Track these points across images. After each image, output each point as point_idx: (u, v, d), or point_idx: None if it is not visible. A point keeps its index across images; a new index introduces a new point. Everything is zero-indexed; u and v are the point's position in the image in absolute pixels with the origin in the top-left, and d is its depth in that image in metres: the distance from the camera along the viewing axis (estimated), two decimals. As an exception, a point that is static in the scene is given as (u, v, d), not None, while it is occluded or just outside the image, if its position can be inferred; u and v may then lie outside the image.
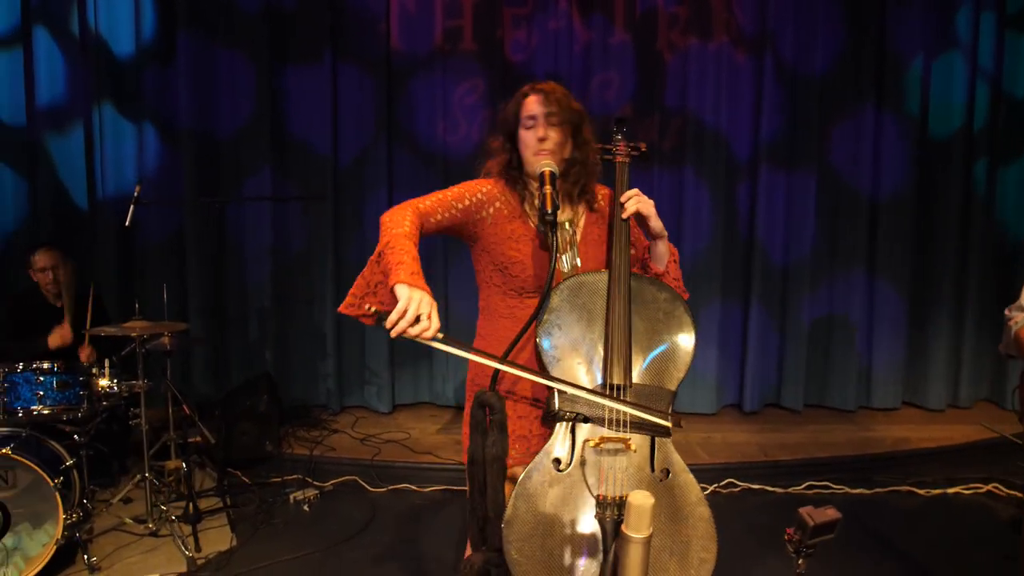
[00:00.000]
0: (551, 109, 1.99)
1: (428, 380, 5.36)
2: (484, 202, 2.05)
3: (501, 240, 2.05)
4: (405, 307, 1.63)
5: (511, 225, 2.05)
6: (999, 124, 5.16)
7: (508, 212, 2.06)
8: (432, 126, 5.07)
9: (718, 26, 4.98)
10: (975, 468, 4.39)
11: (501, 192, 2.09)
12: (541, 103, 1.99)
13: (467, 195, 2.03)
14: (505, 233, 2.05)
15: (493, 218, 2.05)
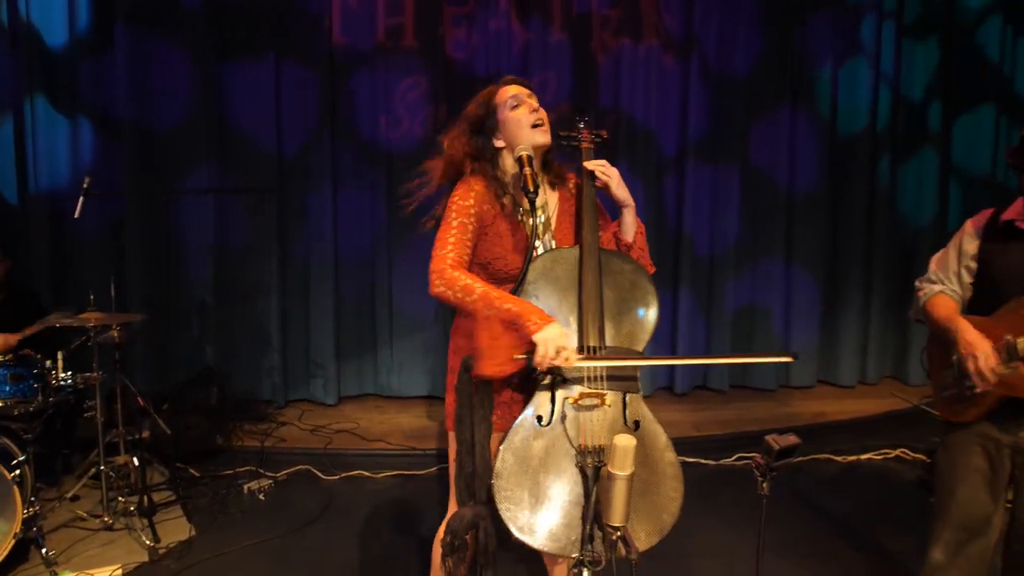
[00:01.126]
0: (530, 92, 2.15)
1: (373, 372, 5.44)
2: (476, 213, 2.10)
3: (489, 241, 2.15)
4: (544, 350, 1.83)
5: (495, 225, 2.15)
6: (899, 124, 5.65)
7: (490, 211, 2.15)
8: (375, 122, 5.17)
9: (648, 29, 5.27)
10: (884, 436, 4.82)
11: (478, 192, 2.14)
12: (520, 88, 2.15)
13: (469, 220, 2.09)
14: (491, 233, 2.15)
15: (482, 223, 2.13)
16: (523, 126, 2.14)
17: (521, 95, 2.14)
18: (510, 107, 2.14)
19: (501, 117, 2.16)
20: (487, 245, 2.17)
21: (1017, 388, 2.30)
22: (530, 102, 2.14)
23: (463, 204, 2.15)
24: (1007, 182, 5.80)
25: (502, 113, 2.16)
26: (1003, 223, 2.40)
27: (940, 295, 2.54)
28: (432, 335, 5.35)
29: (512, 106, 2.14)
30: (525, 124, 2.14)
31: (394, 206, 5.26)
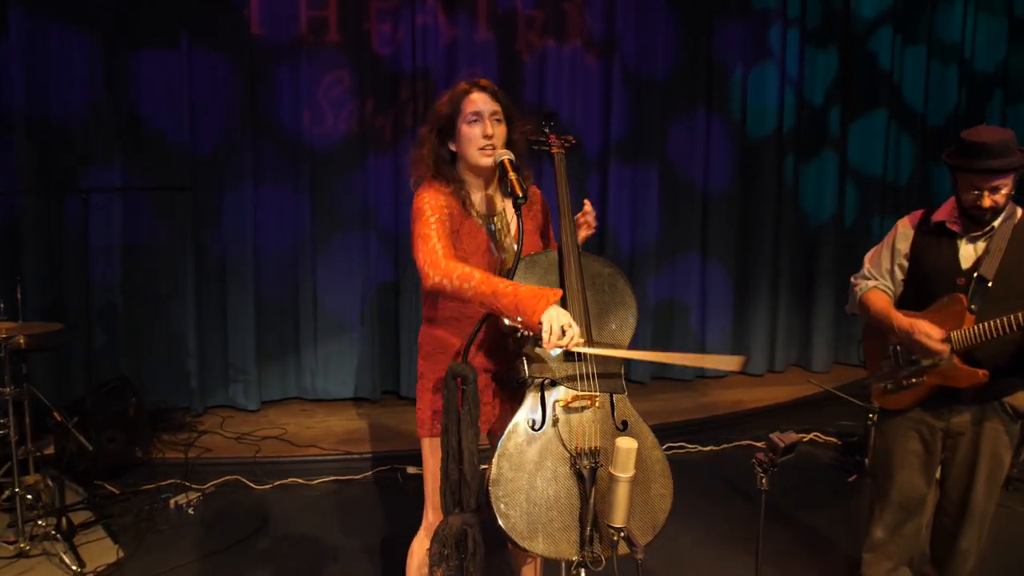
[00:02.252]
0: (495, 108, 2.13)
1: (296, 375, 5.27)
2: (447, 213, 2.11)
3: (455, 240, 2.15)
4: (550, 326, 1.82)
5: (461, 224, 2.15)
6: (802, 127, 5.99)
7: (455, 211, 2.15)
8: (297, 117, 4.99)
9: (572, 30, 5.35)
10: (796, 422, 5.11)
11: (442, 193, 2.15)
12: (486, 101, 2.12)
13: (444, 217, 2.09)
14: (458, 233, 2.15)
15: (450, 222, 2.13)
16: (472, 145, 2.14)
17: (483, 112, 2.12)
18: (468, 120, 2.13)
19: (459, 126, 2.14)
20: (459, 243, 2.16)
21: (951, 377, 2.50)
22: (488, 122, 2.12)
23: (436, 203, 2.14)
24: (896, 181, 6.28)
25: (460, 123, 2.14)
26: (934, 224, 2.60)
27: (875, 290, 2.73)
28: (359, 335, 5.24)
29: (470, 120, 2.13)
30: (474, 145, 2.13)
31: (318, 203, 5.11)
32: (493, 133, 2.11)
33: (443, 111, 2.16)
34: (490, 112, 2.12)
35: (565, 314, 1.85)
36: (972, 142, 2.40)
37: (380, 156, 5.16)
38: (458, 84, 2.19)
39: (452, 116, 2.14)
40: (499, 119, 2.14)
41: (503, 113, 2.14)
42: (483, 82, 2.16)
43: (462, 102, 2.13)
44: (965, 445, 2.58)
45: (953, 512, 2.65)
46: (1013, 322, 2.32)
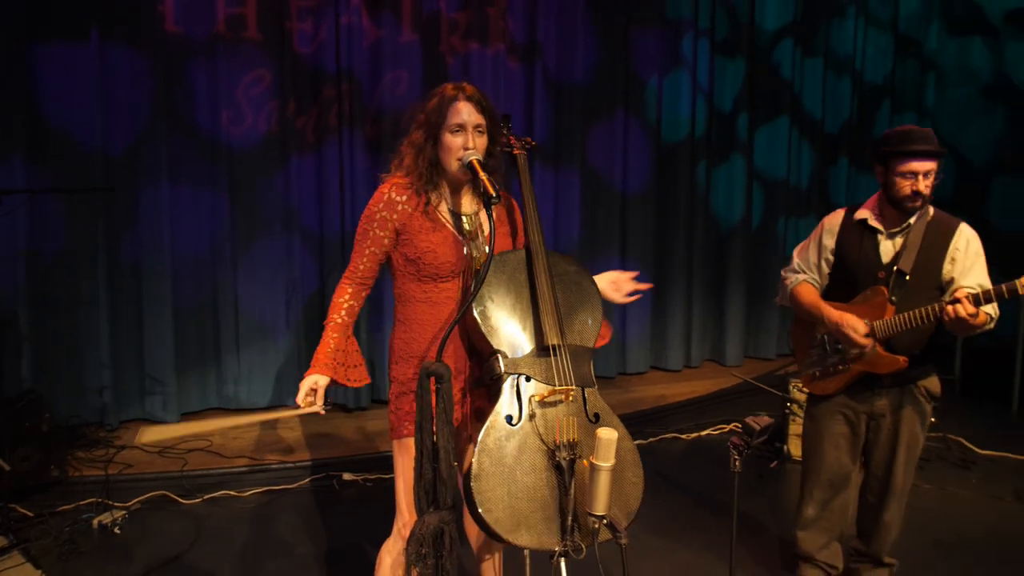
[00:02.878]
0: (480, 121, 2.16)
1: (216, 384, 5.08)
2: (390, 217, 2.20)
3: (412, 235, 2.18)
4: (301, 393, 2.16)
5: (418, 220, 2.19)
6: (713, 132, 6.28)
7: (412, 207, 2.19)
8: (215, 116, 4.81)
9: (495, 34, 5.41)
10: (716, 413, 5.36)
11: (402, 190, 2.21)
12: (472, 112, 2.15)
13: (378, 226, 2.21)
14: (415, 228, 2.18)
15: (401, 219, 2.18)
16: (451, 155, 2.19)
17: (467, 124, 2.16)
18: (451, 130, 2.16)
19: (443, 133, 2.17)
20: (412, 240, 2.21)
21: (874, 364, 2.71)
22: (471, 134, 2.16)
23: (371, 211, 2.25)
24: (798, 184, 6.68)
25: (443, 130, 2.17)
26: (856, 221, 2.81)
27: (804, 284, 2.92)
28: (284, 340, 5.10)
29: (453, 130, 2.16)
30: (453, 155, 2.18)
31: (238, 205, 4.95)
32: (474, 146, 2.14)
33: (430, 116, 2.17)
34: (474, 124, 2.15)
35: (309, 385, 2.14)
36: (902, 131, 2.62)
37: (303, 156, 5.05)
38: (444, 87, 2.20)
39: (438, 123, 2.15)
40: (482, 131, 2.17)
41: (486, 125, 2.18)
42: (469, 90, 2.18)
43: (448, 110, 2.14)
44: (887, 426, 2.80)
45: (877, 488, 2.87)
46: (930, 312, 2.54)
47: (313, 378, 2.14)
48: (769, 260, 6.60)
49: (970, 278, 2.62)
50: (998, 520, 3.78)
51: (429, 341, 2.21)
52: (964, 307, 2.40)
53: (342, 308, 2.23)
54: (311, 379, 2.14)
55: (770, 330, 6.65)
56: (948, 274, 2.65)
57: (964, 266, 2.63)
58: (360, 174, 5.03)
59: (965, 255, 2.63)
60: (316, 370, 2.16)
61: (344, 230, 5.05)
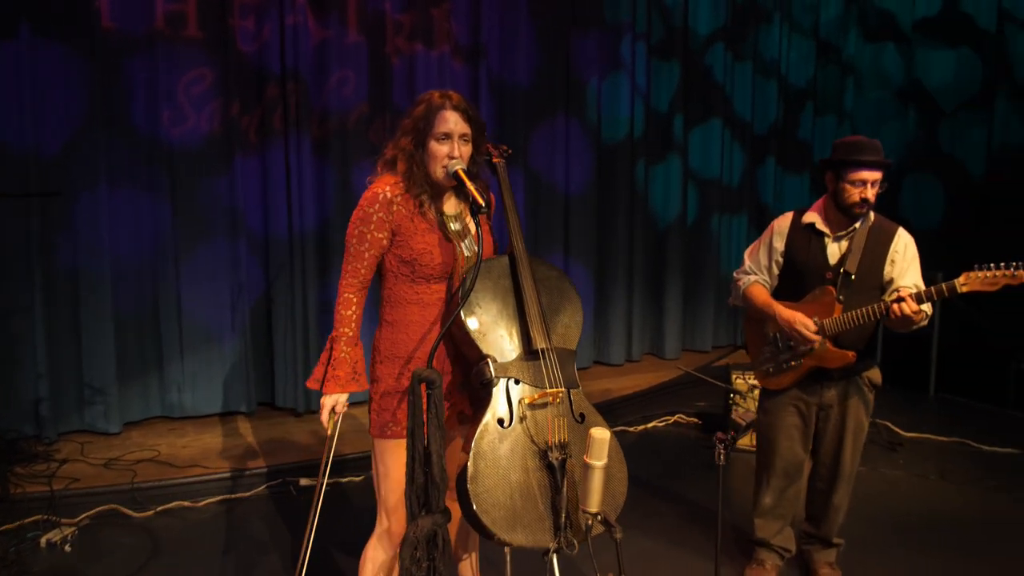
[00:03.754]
0: (466, 130, 2.21)
1: (160, 392, 4.93)
2: (387, 218, 2.21)
3: (407, 236, 2.22)
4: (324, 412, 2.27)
5: (413, 221, 2.23)
6: (650, 133, 6.47)
7: (407, 210, 2.23)
8: (155, 116, 4.67)
9: (439, 36, 5.42)
10: (659, 406, 5.56)
11: (395, 192, 2.24)
12: (458, 121, 2.19)
13: (376, 228, 2.22)
14: (410, 229, 2.22)
15: (397, 220, 2.21)
16: (436, 163, 2.23)
17: (453, 133, 2.20)
18: (437, 138, 2.20)
19: (428, 140, 2.21)
20: (408, 242, 2.25)
21: (824, 359, 2.90)
22: (456, 143, 2.21)
23: (366, 213, 2.24)
24: (730, 184, 6.95)
25: (429, 137, 2.21)
26: (804, 225, 2.99)
27: (756, 284, 3.09)
28: (229, 345, 5.00)
29: (439, 138, 2.20)
30: (439, 163, 2.22)
31: (180, 207, 4.82)
32: (459, 155, 2.18)
33: (416, 123, 2.21)
34: (460, 133, 2.20)
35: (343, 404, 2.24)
36: (852, 142, 2.81)
37: (247, 158, 4.95)
38: (431, 94, 2.23)
39: (424, 130, 2.18)
40: (467, 140, 2.22)
41: (472, 135, 2.22)
42: (456, 99, 2.22)
43: (435, 118, 2.18)
44: (835, 416, 3.00)
45: (826, 475, 3.07)
46: (876, 310, 2.74)
47: (334, 397, 2.20)
48: (704, 256, 6.85)
49: (907, 278, 2.84)
50: (926, 497, 4.09)
51: (417, 342, 2.25)
52: (908, 305, 2.60)
53: (352, 321, 2.24)
54: (333, 398, 2.20)
55: (706, 324, 6.91)
56: (888, 275, 2.85)
57: (902, 268, 2.84)
58: (307, 176, 4.98)
59: (903, 257, 2.85)
60: (337, 387, 2.20)
61: (291, 233, 4.98)
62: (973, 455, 4.67)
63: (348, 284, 2.27)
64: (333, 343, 2.25)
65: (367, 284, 2.30)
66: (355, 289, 2.27)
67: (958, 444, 4.82)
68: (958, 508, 3.95)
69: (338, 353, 2.22)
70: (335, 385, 2.20)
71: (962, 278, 2.57)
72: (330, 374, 2.21)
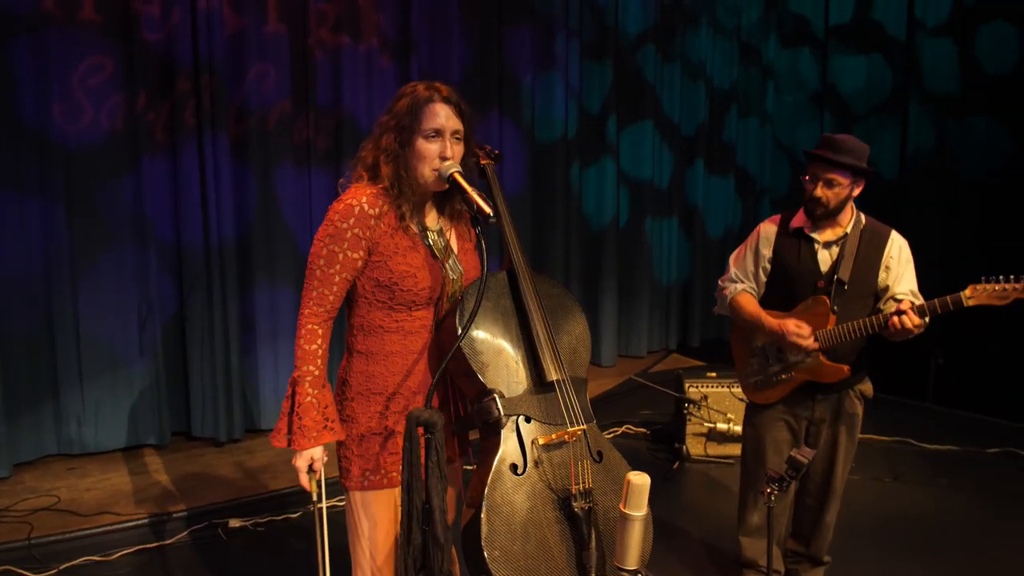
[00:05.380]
0: (458, 127, 1.91)
1: (55, 426, 4.32)
2: (363, 235, 1.89)
3: (387, 256, 1.90)
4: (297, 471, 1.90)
5: (395, 238, 1.91)
6: (583, 133, 6.30)
7: (387, 225, 1.91)
8: (46, 110, 4.07)
9: (367, 29, 5.04)
10: (606, 415, 5.36)
11: (374, 204, 1.91)
12: (450, 116, 1.89)
13: (350, 246, 1.88)
14: (390, 248, 1.90)
15: (375, 237, 1.89)
16: (426, 164, 1.91)
17: (445, 129, 1.90)
18: (427, 135, 1.89)
19: (415, 138, 1.89)
20: (387, 263, 1.92)
21: (818, 373, 2.75)
22: (448, 141, 1.90)
23: (338, 228, 1.89)
24: (660, 185, 6.87)
25: (417, 135, 1.89)
26: (792, 230, 2.84)
27: (744, 293, 2.91)
28: (138, 370, 4.44)
29: (429, 136, 1.89)
30: (428, 164, 1.91)
31: (77, 213, 4.25)
32: (452, 155, 1.88)
33: (400, 119, 1.88)
34: (452, 130, 1.89)
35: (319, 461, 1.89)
36: (826, 137, 2.69)
37: (155, 158, 4.42)
38: (416, 86, 1.92)
39: (411, 127, 1.86)
40: (459, 138, 1.91)
41: (465, 131, 1.92)
42: (445, 91, 1.92)
43: (422, 113, 1.86)
44: (826, 431, 2.86)
45: (816, 492, 2.93)
46: (874, 323, 2.60)
47: (308, 454, 1.85)
48: (636, 260, 6.74)
49: (903, 285, 2.72)
50: (889, 501, 4.06)
51: (400, 375, 1.92)
52: (910, 319, 2.47)
53: (317, 358, 1.88)
54: (306, 456, 1.84)
55: (640, 329, 6.80)
56: (883, 282, 2.74)
57: (897, 273, 2.73)
58: (225, 178, 4.49)
59: (898, 263, 2.73)
60: (308, 443, 1.84)
61: (208, 242, 4.48)
62: (917, 454, 4.72)
63: (312, 314, 1.91)
64: (295, 386, 1.88)
65: (334, 313, 1.95)
66: (320, 320, 1.91)
67: (901, 443, 4.87)
68: (922, 511, 3.95)
69: (303, 398, 1.86)
70: (305, 439, 1.84)
71: (968, 291, 2.46)
72: (296, 425, 1.85)
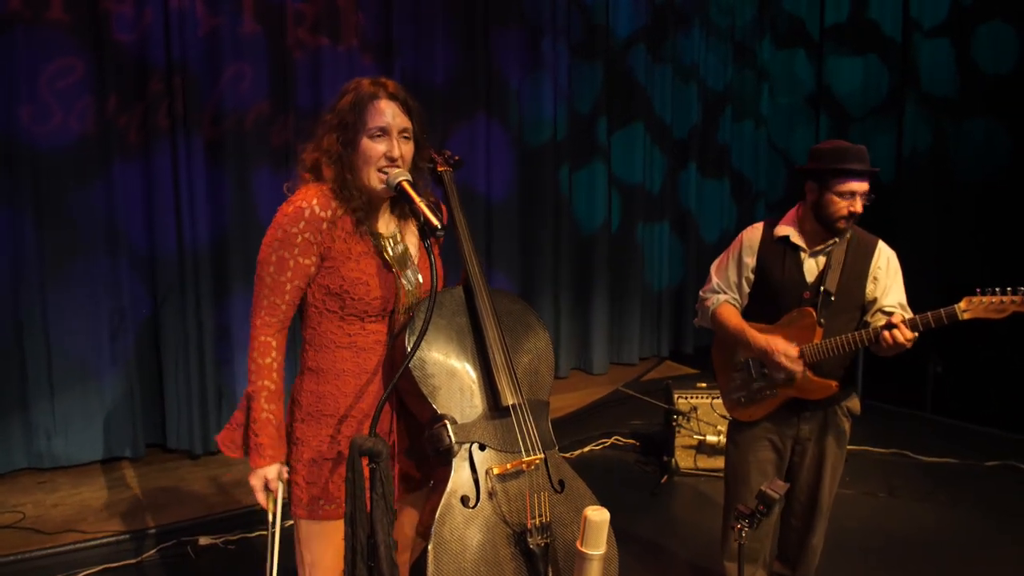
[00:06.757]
0: (406, 125, 1.79)
1: (24, 439, 4.20)
2: (314, 239, 1.77)
3: (339, 262, 1.77)
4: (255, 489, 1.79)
5: (348, 243, 1.79)
6: (573, 136, 6.17)
7: (341, 229, 1.79)
8: (12, 113, 3.97)
9: (347, 29, 4.92)
10: (592, 427, 5.22)
11: (325, 206, 1.79)
12: (396, 114, 1.78)
13: (301, 252, 1.76)
14: (343, 253, 1.78)
15: (327, 241, 1.77)
16: (370, 165, 1.79)
17: (391, 128, 1.78)
18: (372, 135, 1.77)
19: (360, 138, 1.77)
20: (338, 269, 1.80)
21: (804, 390, 2.62)
22: (395, 141, 1.79)
23: (288, 233, 1.77)
24: (652, 189, 6.74)
25: (361, 134, 1.77)
26: (777, 238, 2.70)
27: (726, 305, 2.78)
28: (110, 381, 4.32)
29: (374, 135, 1.77)
30: (373, 164, 1.79)
31: (46, 220, 4.13)
32: (400, 155, 1.75)
33: (344, 116, 1.76)
34: (399, 129, 1.77)
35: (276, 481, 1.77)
36: (838, 148, 2.52)
37: (127, 162, 4.30)
38: (359, 82, 1.81)
39: (355, 125, 1.74)
40: (407, 137, 1.79)
41: (413, 129, 1.79)
42: (392, 87, 1.80)
43: (366, 110, 1.74)
44: (812, 449, 2.72)
45: (802, 512, 2.79)
46: (864, 337, 2.46)
47: (263, 472, 1.76)
48: (628, 265, 6.60)
49: (891, 297, 2.59)
50: (880, 516, 3.92)
51: (351, 397, 1.80)
52: (902, 333, 2.33)
53: (272, 371, 1.77)
54: (262, 474, 1.75)
55: (632, 336, 6.66)
56: (871, 294, 2.60)
57: (885, 285, 2.60)
58: (199, 183, 4.38)
59: (886, 274, 2.60)
60: (264, 461, 1.75)
61: (182, 248, 4.36)
62: (914, 467, 4.59)
63: (265, 324, 1.79)
64: (251, 401, 1.77)
65: (287, 323, 1.83)
66: (274, 331, 1.79)
67: (897, 455, 4.73)
68: (917, 527, 3.80)
69: (258, 414, 1.75)
70: (261, 457, 1.74)
71: (963, 303, 2.33)
72: (253, 443, 1.74)
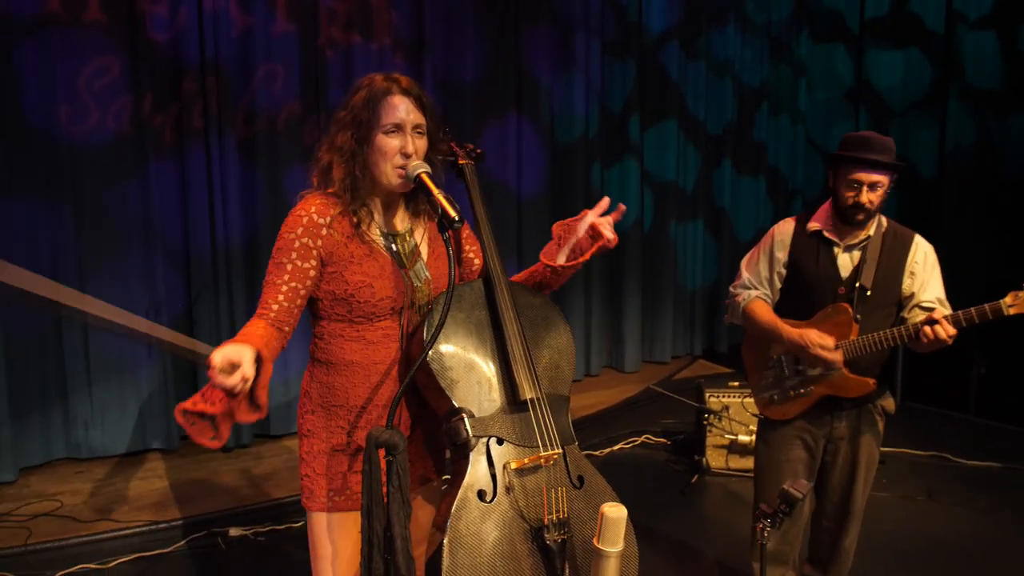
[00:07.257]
0: (420, 120, 1.77)
1: (64, 430, 4.30)
2: (313, 244, 1.75)
3: (341, 266, 1.76)
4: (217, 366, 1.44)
5: (349, 247, 1.77)
6: (605, 133, 6.12)
7: (340, 232, 1.78)
8: (52, 112, 4.05)
9: (379, 28, 4.94)
10: (623, 425, 5.18)
11: (325, 209, 1.78)
12: (411, 110, 1.76)
13: (299, 256, 1.73)
14: (344, 257, 1.76)
15: (327, 247, 1.76)
16: (387, 161, 1.77)
17: (406, 124, 1.76)
18: (387, 130, 1.75)
19: (374, 134, 1.76)
20: (341, 274, 1.78)
21: (840, 388, 2.55)
22: (410, 137, 1.77)
23: (287, 238, 1.76)
24: (685, 187, 6.65)
25: (376, 130, 1.76)
26: (811, 232, 2.64)
27: (758, 301, 2.72)
28: (146, 373, 4.40)
29: (389, 131, 1.76)
30: (389, 161, 1.77)
31: (84, 217, 4.22)
32: (415, 150, 1.74)
33: (357, 113, 1.75)
34: (413, 125, 1.76)
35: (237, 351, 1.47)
36: (861, 137, 2.48)
37: (162, 160, 4.37)
38: (372, 78, 1.80)
39: (369, 122, 1.73)
40: (421, 132, 1.78)
41: (428, 125, 1.79)
42: (405, 82, 1.79)
43: (380, 107, 1.73)
44: (845, 449, 2.66)
45: (834, 514, 2.72)
46: (903, 334, 2.39)
47: (236, 347, 1.46)
48: (661, 263, 6.54)
49: (929, 292, 2.51)
50: (917, 520, 3.82)
51: (360, 387, 1.79)
52: (944, 330, 2.26)
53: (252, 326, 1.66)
54: (233, 348, 1.45)
55: (665, 334, 6.59)
56: (908, 289, 2.53)
57: (923, 280, 2.52)
58: (232, 181, 4.44)
59: (924, 269, 2.52)
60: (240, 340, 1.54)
61: (215, 245, 4.43)
62: (954, 470, 4.45)
63: (256, 316, 1.71)
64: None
65: (281, 325, 1.70)
66: (264, 321, 1.70)
67: (936, 458, 4.60)
68: (954, 532, 3.69)
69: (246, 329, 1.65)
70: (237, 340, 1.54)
71: (1009, 298, 2.25)
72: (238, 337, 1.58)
